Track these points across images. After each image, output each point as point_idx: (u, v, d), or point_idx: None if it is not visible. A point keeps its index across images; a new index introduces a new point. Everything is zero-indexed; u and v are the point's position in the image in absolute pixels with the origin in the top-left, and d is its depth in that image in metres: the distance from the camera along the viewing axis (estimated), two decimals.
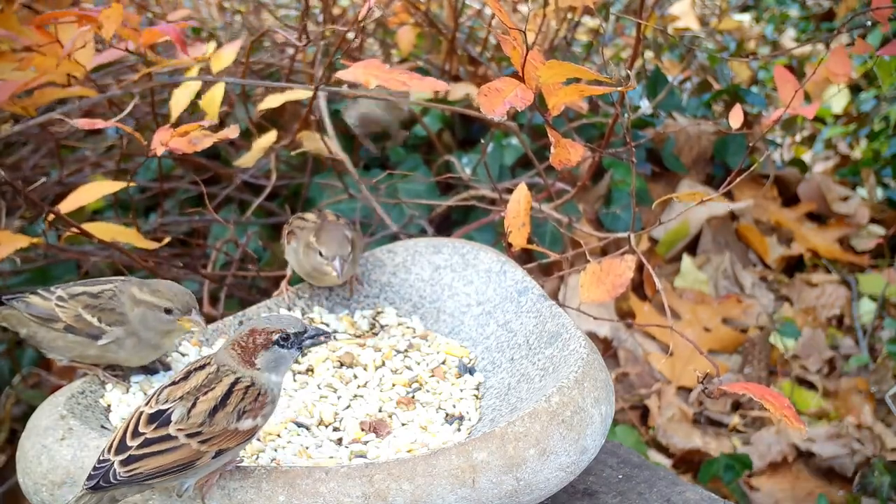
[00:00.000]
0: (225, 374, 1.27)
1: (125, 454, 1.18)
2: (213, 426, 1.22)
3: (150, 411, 1.22)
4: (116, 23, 1.72)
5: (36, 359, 2.47)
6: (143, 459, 1.18)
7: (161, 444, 1.19)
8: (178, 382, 1.26)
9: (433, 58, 3.07)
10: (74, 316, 1.51)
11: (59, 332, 1.51)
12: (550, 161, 1.58)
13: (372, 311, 1.80)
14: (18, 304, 1.54)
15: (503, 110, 1.44)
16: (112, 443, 1.20)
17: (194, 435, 1.21)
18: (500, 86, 1.47)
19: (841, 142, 4.06)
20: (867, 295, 3.00)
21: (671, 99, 3.14)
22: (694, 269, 2.92)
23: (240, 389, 1.26)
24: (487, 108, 1.44)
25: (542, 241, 2.63)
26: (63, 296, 1.53)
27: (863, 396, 2.62)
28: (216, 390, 1.25)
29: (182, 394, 1.24)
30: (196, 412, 1.22)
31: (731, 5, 4.26)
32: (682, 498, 1.51)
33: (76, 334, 1.51)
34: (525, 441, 1.29)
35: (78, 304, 1.52)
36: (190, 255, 2.57)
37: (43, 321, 1.52)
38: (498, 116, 1.44)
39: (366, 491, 1.24)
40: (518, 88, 1.47)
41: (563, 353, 1.50)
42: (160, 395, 1.25)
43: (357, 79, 1.61)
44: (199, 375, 1.26)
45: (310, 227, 1.77)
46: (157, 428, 1.21)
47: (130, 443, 1.19)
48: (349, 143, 2.77)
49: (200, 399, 1.23)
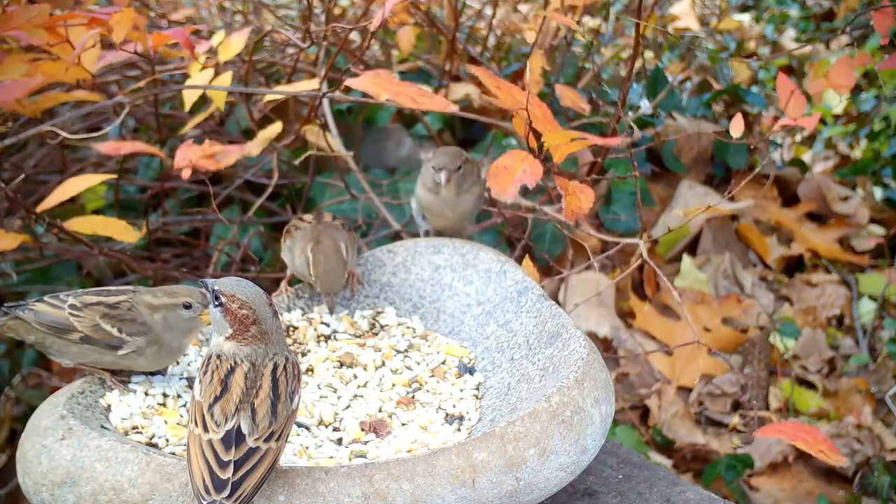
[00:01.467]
0: (263, 366, 1.27)
1: (227, 488, 1.17)
2: (279, 421, 1.23)
3: (219, 436, 1.21)
4: (127, 27, 1.72)
5: (36, 359, 2.47)
6: (243, 483, 1.18)
7: (250, 460, 1.20)
8: (222, 396, 1.24)
9: (433, 58, 3.07)
10: (92, 326, 1.48)
11: (74, 341, 1.49)
12: (563, 214, 1.58)
13: (372, 311, 1.80)
14: (26, 313, 1.51)
15: (514, 191, 1.44)
16: (203, 484, 1.18)
17: (269, 438, 1.22)
18: (508, 163, 1.47)
19: (841, 142, 4.06)
20: (867, 295, 2.99)
21: (671, 99, 3.14)
22: (694, 269, 2.92)
23: (280, 375, 1.27)
24: (498, 189, 1.43)
25: (543, 241, 2.64)
26: (76, 304, 1.50)
27: (863, 396, 2.62)
28: (264, 387, 1.25)
29: (235, 406, 1.23)
30: (260, 417, 1.22)
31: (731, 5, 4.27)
32: (682, 498, 1.51)
33: (93, 344, 1.49)
34: (525, 441, 1.29)
35: (95, 313, 1.49)
36: (191, 255, 2.57)
37: (56, 331, 1.50)
38: (510, 199, 1.44)
39: (366, 491, 1.24)
40: (526, 163, 1.47)
41: (563, 353, 1.50)
42: (213, 415, 1.22)
43: (366, 89, 1.60)
44: (237, 380, 1.25)
45: (305, 227, 1.77)
46: (238, 448, 1.20)
47: (223, 475, 1.18)
48: (350, 142, 2.77)
49: (256, 403, 1.23)
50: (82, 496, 1.28)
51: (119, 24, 1.71)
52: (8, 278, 2.39)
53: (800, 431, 1.40)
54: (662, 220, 2.98)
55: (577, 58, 3.25)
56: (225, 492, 1.17)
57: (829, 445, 1.38)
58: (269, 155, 2.42)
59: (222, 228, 2.57)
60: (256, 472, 1.19)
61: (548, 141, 1.46)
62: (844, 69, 1.96)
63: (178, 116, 2.61)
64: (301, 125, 2.20)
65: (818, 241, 3.16)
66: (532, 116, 1.46)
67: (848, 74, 1.96)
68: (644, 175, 2.97)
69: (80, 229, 1.82)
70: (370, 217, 2.49)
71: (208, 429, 1.21)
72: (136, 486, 1.26)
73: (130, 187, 2.73)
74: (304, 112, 2.65)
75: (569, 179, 1.62)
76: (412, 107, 1.59)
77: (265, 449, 1.21)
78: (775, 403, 2.59)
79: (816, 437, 1.39)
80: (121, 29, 1.72)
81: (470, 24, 3.30)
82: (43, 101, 1.95)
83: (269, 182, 2.32)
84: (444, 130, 2.90)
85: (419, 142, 2.85)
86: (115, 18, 1.70)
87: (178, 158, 1.65)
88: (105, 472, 1.28)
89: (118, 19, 1.70)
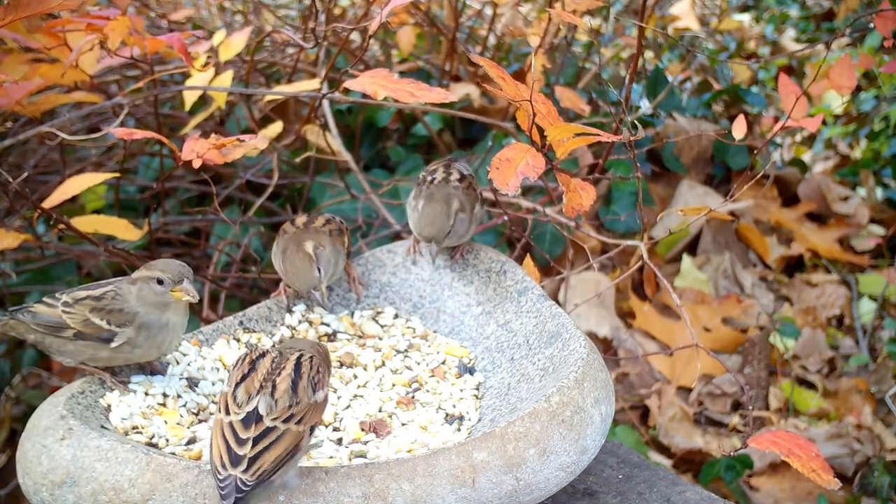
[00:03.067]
0: (291, 353, 1.30)
1: (243, 462, 1.19)
2: (299, 403, 1.24)
3: (240, 417, 1.23)
4: (122, 34, 1.73)
5: (36, 359, 2.47)
6: (259, 458, 1.19)
7: (266, 438, 1.21)
8: (248, 375, 1.27)
9: (433, 58, 3.07)
10: (83, 321, 1.49)
11: (69, 338, 1.50)
12: (563, 210, 1.58)
13: (372, 311, 1.80)
14: (24, 315, 1.52)
15: (516, 184, 1.44)
16: (221, 460, 1.19)
17: (289, 419, 1.23)
18: (510, 155, 1.47)
19: (841, 142, 4.06)
20: (867, 295, 3.00)
21: (671, 99, 3.14)
22: (694, 269, 2.92)
23: (306, 361, 1.29)
24: (500, 181, 1.43)
25: (543, 241, 2.64)
26: (68, 301, 1.51)
27: (863, 396, 2.62)
28: (286, 368, 1.28)
29: (259, 385, 1.25)
30: (279, 394, 1.24)
31: (731, 5, 4.27)
32: (682, 498, 1.51)
33: (86, 339, 1.49)
34: (525, 441, 1.29)
35: (84, 308, 1.50)
36: (191, 255, 2.57)
37: (52, 329, 1.51)
38: (512, 191, 1.43)
39: (366, 491, 1.24)
40: (528, 155, 1.47)
41: (563, 353, 1.50)
42: (236, 398, 1.25)
43: (364, 89, 1.60)
44: (264, 363, 1.29)
45: (289, 232, 1.77)
46: (256, 426, 1.22)
47: (240, 451, 1.20)
48: (350, 142, 2.77)
49: (277, 381, 1.26)
50: (82, 496, 1.28)
51: (114, 31, 1.71)
52: (8, 278, 2.39)
53: (794, 445, 1.38)
54: (662, 221, 2.99)
55: (577, 58, 3.25)
56: (241, 466, 1.18)
57: (822, 464, 1.35)
58: (270, 155, 2.42)
59: (222, 228, 2.57)
60: (274, 450, 1.20)
61: (551, 135, 1.45)
62: (846, 70, 1.96)
63: (178, 117, 2.61)
64: (301, 125, 2.20)
65: (818, 241, 3.16)
66: (536, 111, 1.46)
67: (850, 75, 1.96)
68: (644, 175, 2.96)
69: (81, 228, 1.83)
70: (370, 217, 2.49)
71: (230, 412, 1.24)
72: (136, 486, 1.26)
73: (130, 187, 2.73)
74: (305, 112, 2.65)
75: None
76: (410, 101, 1.59)
77: (283, 429, 1.22)
78: (775, 403, 2.59)
79: (810, 453, 1.37)
80: (116, 36, 1.73)
81: (470, 25, 3.30)
82: (42, 101, 1.95)
83: (270, 182, 2.32)
84: (443, 130, 2.90)
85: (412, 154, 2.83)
86: (110, 26, 1.70)
87: (186, 151, 1.65)
88: (105, 472, 1.28)
89: (113, 27, 1.71)
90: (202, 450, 1.38)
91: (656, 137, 3.03)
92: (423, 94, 1.59)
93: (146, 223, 1.95)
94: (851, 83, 1.97)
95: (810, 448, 1.37)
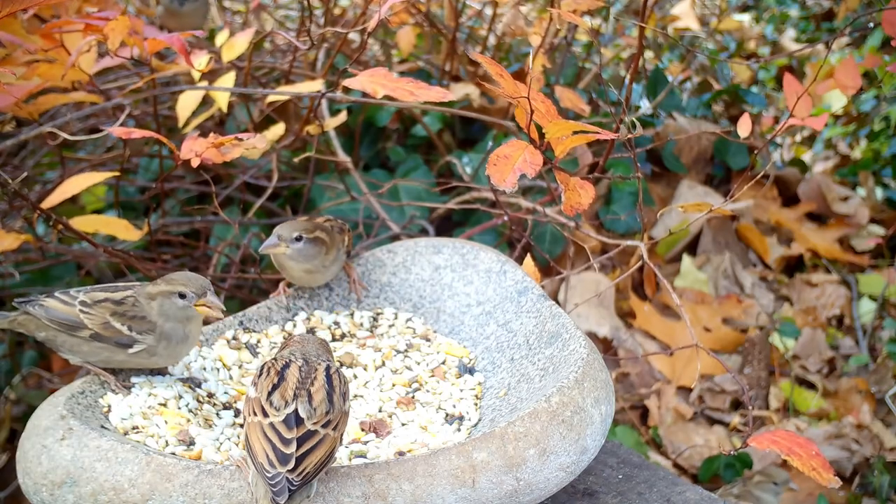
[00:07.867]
0: (317, 364, 1.32)
1: (291, 461, 1.19)
2: (335, 412, 1.26)
3: (280, 419, 1.24)
4: (122, 35, 1.72)
5: (36, 359, 2.47)
6: (305, 459, 1.20)
7: (310, 440, 1.22)
8: (279, 385, 1.28)
9: (433, 58, 3.07)
10: (102, 323, 1.48)
11: (85, 339, 1.49)
12: (562, 208, 1.58)
13: (372, 311, 1.80)
14: (35, 308, 1.50)
15: (514, 180, 1.44)
16: (267, 459, 1.20)
17: (327, 425, 1.24)
18: (508, 152, 1.46)
19: (841, 142, 4.06)
20: (867, 295, 2.99)
21: (671, 99, 3.14)
22: (694, 269, 2.92)
23: (335, 374, 1.31)
24: (497, 178, 1.43)
25: (543, 241, 2.63)
26: (86, 301, 1.50)
27: (863, 396, 2.62)
28: (318, 378, 1.29)
29: (293, 392, 1.26)
30: (317, 402, 1.26)
31: (731, 5, 4.26)
32: (682, 498, 1.51)
33: (103, 342, 1.48)
34: (525, 441, 1.29)
35: (104, 310, 1.49)
36: (191, 255, 2.57)
37: (67, 328, 1.49)
38: (509, 188, 1.43)
39: (366, 491, 1.24)
40: (526, 152, 1.47)
41: (563, 353, 1.50)
42: (272, 402, 1.25)
43: (363, 87, 1.60)
44: (292, 372, 1.30)
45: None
46: (298, 428, 1.23)
47: (287, 450, 1.20)
48: (350, 142, 2.77)
49: (313, 391, 1.27)
50: (82, 496, 1.28)
51: (114, 31, 1.71)
52: (10, 278, 2.39)
53: (794, 445, 1.38)
54: (662, 219, 2.99)
55: (577, 58, 3.25)
56: (290, 464, 1.19)
57: (822, 462, 1.35)
58: (269, 156, 2.42)
59: (222, 229, 2.57)
60: (317, 453, 1.21)
61: (549, 132, 1.45)
62: (851, 69, 1.96)
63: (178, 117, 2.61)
64: (301, 126, 2.20)
65: (818, 241, 3.16)
66: (534, 108, 1.46)
67: (854, 75, 1.96)
68: (644, 175, 2.96)
69: (81, 228, 1.83)
70: (370, 218, 2.49)
71: (268, 414, 1.24)
72: (136, 486, 1.26)
73: (130, 188, 2.73)
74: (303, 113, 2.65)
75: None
76: (409, 100, 1.59)
77: (323, 434, 1.23)
78: (775, 403, 2.59)
79: (810, 452, 1.37)
80: (115, 37, 1.72)
81: (470, 25, 3.29)
82: (42, 102, 1.94)
83: (269, 184, 2.32)
84: (443, 131, 2.90)
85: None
86: (109, 26, 1.70)
87: (185, 150, 1.65)
88: (105, 472, 1.28)
89: (113, 27, 1.70)
90: (202, 450, 1.38)
91: (656, 137, 3.03)
92: (423, 93, 1.59)
93: (146, 224, 1.95)
94: (856, 83, 1.96)
95: (810, 447, 1.37)
